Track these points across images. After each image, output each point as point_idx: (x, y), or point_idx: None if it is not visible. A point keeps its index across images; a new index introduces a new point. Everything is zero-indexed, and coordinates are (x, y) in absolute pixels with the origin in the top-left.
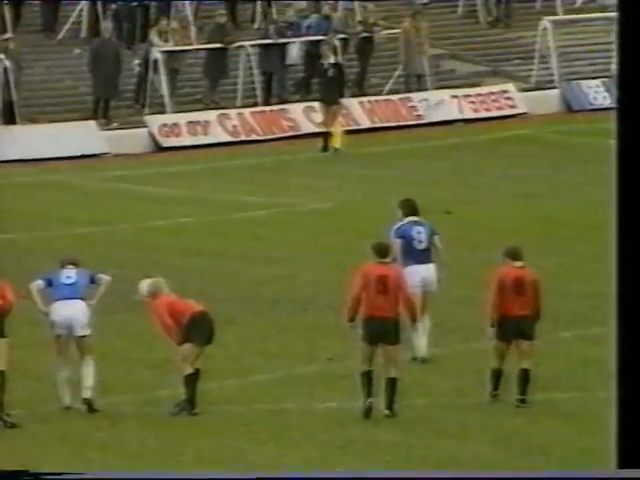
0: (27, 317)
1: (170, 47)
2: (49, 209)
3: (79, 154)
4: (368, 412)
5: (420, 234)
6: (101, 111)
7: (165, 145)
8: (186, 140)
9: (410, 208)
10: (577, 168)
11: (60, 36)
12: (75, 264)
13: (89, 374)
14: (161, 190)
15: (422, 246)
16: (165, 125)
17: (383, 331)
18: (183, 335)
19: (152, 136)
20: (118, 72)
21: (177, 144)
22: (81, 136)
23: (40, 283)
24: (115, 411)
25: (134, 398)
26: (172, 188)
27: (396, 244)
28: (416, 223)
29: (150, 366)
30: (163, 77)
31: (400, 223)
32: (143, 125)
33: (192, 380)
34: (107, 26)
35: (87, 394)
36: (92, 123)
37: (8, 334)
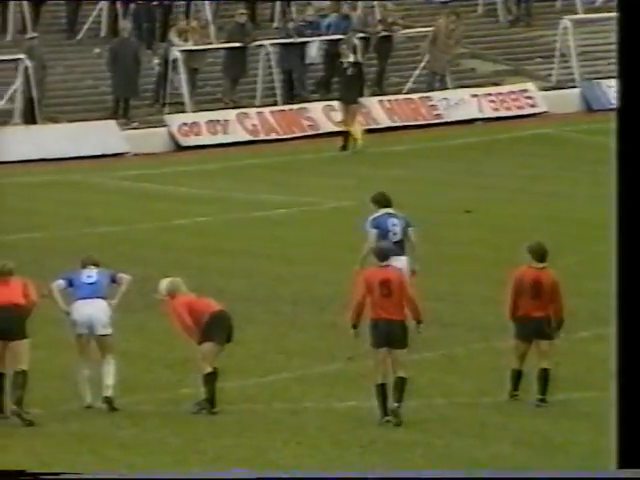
0: (49, 316)
1: (190, 46)
2: (70, 208)
3: (99, 153)
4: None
5: (395, 226)
6: (121, 110)
7: (185, 144)
8: (206, 139)
9: (384, 201)
10: (598, 167)
11: (80, 36)
12: (96, 264)
13: (110, 373)
14: (181, 189)
15: (396, 238)
16: (185, 124)
17: (390, 333)
18: (202, 334)
19: (172, 135)
20: (138, 71)
21: (197, 143)
22: (101, 135)
23: (61, 283)
24: (136, 410)
25: (154, 397)
26: (192, 187)
27: (372, 234)
28: (391, 215)
29: (170, 365)
30: (183, 76)
31: (376, 214)
32: (163, 124)
33: (211, 379)
34: (126, 26)
35: (108, 392)
36: (112, 122)
37: (30, 334)
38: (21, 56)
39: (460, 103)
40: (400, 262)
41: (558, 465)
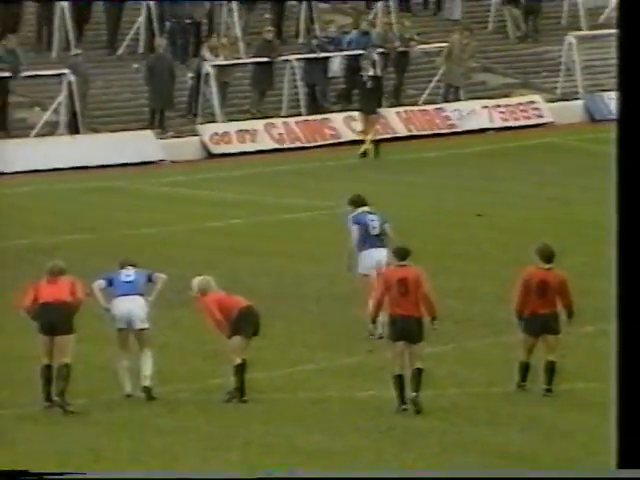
0: (92, 312)
1: (220, 61)
2: (111, 212)
3: (137, 161)
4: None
5: (373, 221)
6: (157, 121)
7: (216, 152)
8: (235, 147)
9: (360, 201)
10: (600, 174)
11: (119, 52)
12: (133, 265)
13: (148, 364)
14: (213, 194)
15: (375, 232)
16: (216, 133)
17: (406, 328)
18: (232, 328)
19: (204, 144)
20: (172, 85)
21: (227, 151)
22: (139, 144)
23: (102, 282)
24: (172, 398)
25: (189, 386)
26: (223, 192)
27: (354, 230)
28: (368, 212)
29: (203, 357)
30: (214, 89)
31: (354, 213)
32: (196, 134)
33: (241, 370)
34: (162, 43)
35: (146, 382)
36: (149, 132)
37: (76, 329)
38: (65, 71)
39: (472, 114)
40: (381, 253)
41: (563, 450)
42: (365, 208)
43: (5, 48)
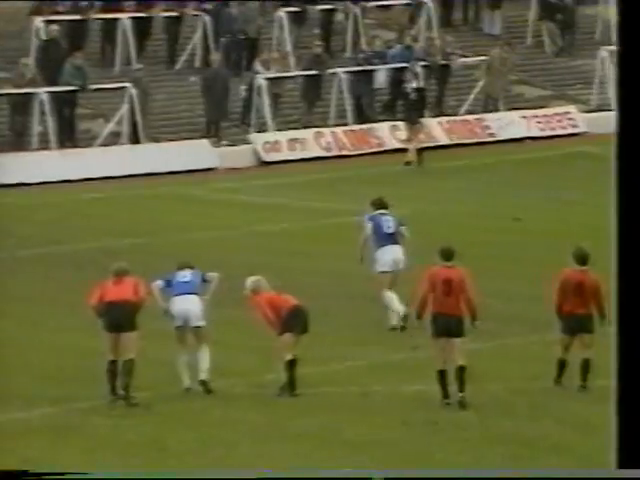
0: (154, 311)
1: (272, 74)
2: (169, 217)
3: (194, 168)
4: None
5: (387, 221)
6: (212, 131)
7: (268, 160)
8: (286, 155)
9: (379, 204)
10: None
11: (178, 67)
12: (190, 267)
13: (205, 359)
14: (264, 199)
15: (390, 230)
16: (268, 142)
17: (449, 326)
18: (282, 326)
19: (256, 152)
20: (227, 97)
21: (278, 159)
22: (196, 153)
23: (160, 283)
24: (228, 392)
25: (244, 381)
26: (274, 197)
27: (367, 226)
28: (384, 214)
29: (256, 353)
30: (266, 100)
31: (372, 214)
32: (249, 142)
33: (292, 365)
34: (217, 57)
35: (203, 376)
36: (205, 141)
37: (140, 326)
38: (127, 85)
39: (510, 124)
40: (396, 250)
41: (595, 442)
42: (383, 211)
43: (73, 65)
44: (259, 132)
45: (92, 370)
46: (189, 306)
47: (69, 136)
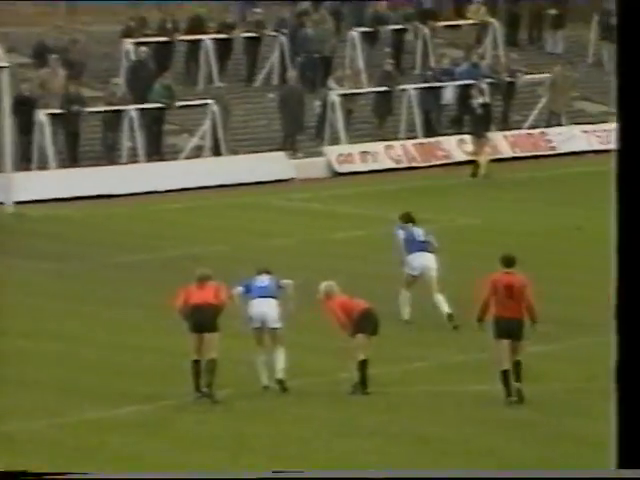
0: (234, 313)
1: (345, 91)
2: (248, 225)
3: (271, 179)
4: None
5: (418, 231)
6: (289, 144)
7: (341, 171)
8: (358, 167)
9: (408, 218)
10: None
11: (256, 84)
12: (267, 272)
13: (281, 359)
14: (337, 208)
15: (420, 238)
16: (341, 155)
17: (510, 328)
18: (354, 328)
19: (330, 164)
20: (302, 112)
21: (351, 170)
22: (273, 164)
23: (240, 289)
24: (303, 390)
25: (318, 380)
26: (347, 206)
27: (399, 234)
28: (414, 226)
29: (331, 353)
30: (339, 115)
31: (407, 227)
32: (323, 155)
33: (364, 365)
34: (293, 75)
35: (279, 375)
36: (282, 154)
37: (221, 328)
38: (209, 102)
39: (572, 138)
40: (426, 257)
41: None
42: (411, 224)
43: (162, 84)
44: (332, 145)
45: (178, 369)
46: (266, 309)
47: (156, 150)
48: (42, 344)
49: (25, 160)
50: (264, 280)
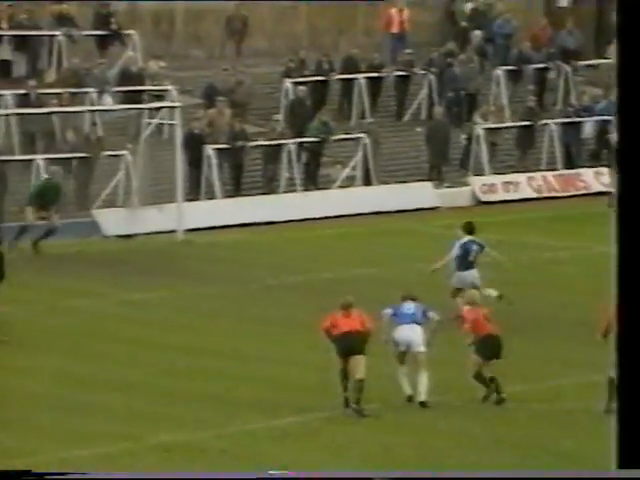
0: (379, 330)
1: (490, 125)
2: (397, 250)
3: (419, 207)
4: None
5: (473, 250)
6: (435, 174)
7: (484, 200)
8: (501, 196)
9: (469, 228)
10: None
11: (405, 119)
12: (413, 299)
13: (423, 382)
14: (481, 235)
15: (472, 258)
16: (485, 184)
17: None
18: (476, 348)
19: (474, 193)
20: (448, 145)
21: (494, 199)
22: (420, 194)
23: (389, 312)
24: (448, 406)
25: (461, 396)
26: (490, 234)
27: (457, 248)
28: (473, 242)
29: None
30: (484, 148)
31: (465, 239)
32: (467, 184)
33: (494, 382)
34: (440, 110)
35: (421, 398)
36: (428, 184)
37: (367, 352)
38: (361, 135)
39: None
40: (473, 274)
41: None
42: (471, 237)
43: (321, 120)
44: (477, 175)
45: (330, 383)
46: (412, 334)
47: (312, 180)
48: (206, 360)
49: (194, 191)
50: (410, 307)
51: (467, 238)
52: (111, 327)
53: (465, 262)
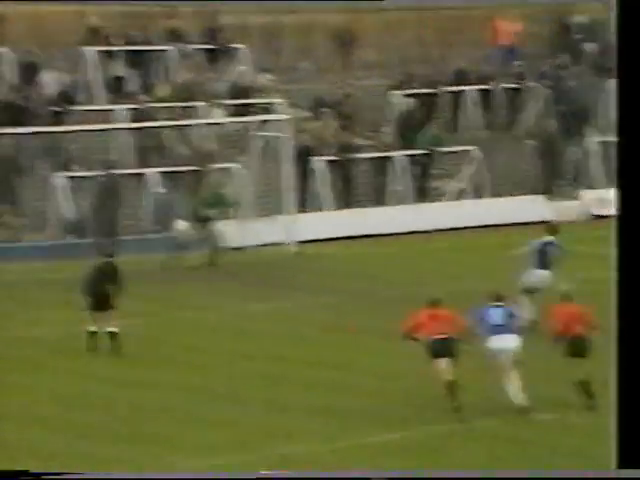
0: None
1: (603, 139)
2: (509, 263)
3: (531, 220)
4: None
5: (551, 252)
6: (548, 188)
7: (597, 213)
8: (612, 210)
9: (552, 230)
10: None
11: (516, 131)
12: (500, 299)
13: (517, 385)
14: (594, 249)
15: (548, 259)
16: (597, 198)
17: None
18: (565, 345)
19: (586, 206)
20: (561, 158)
21: (606, 213)
22: (532, 207)
23: (477, 318)
24: (537, 417)
25: (546, 407)
26: (602, 247)
27: (533, 245)
28: (552, 244)
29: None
30: (597, 162)
31: (545, 240)
32: (580, 198)
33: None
34: (552, 124)
35: (519, 400)
36: (541, 197)
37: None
38: (471, 148)
39: None
40: (544, 274)
41: None
42: (551, 238)
43: (431, 132)
44: (589, 189)
45: (430, 393)
46: (502, 344)
47: (421, 192)
48: (321, 372)
49: (303, 203)
50: (498, 313)
51: (548, 239)
52: (226, 340)
53: (541, 261)
